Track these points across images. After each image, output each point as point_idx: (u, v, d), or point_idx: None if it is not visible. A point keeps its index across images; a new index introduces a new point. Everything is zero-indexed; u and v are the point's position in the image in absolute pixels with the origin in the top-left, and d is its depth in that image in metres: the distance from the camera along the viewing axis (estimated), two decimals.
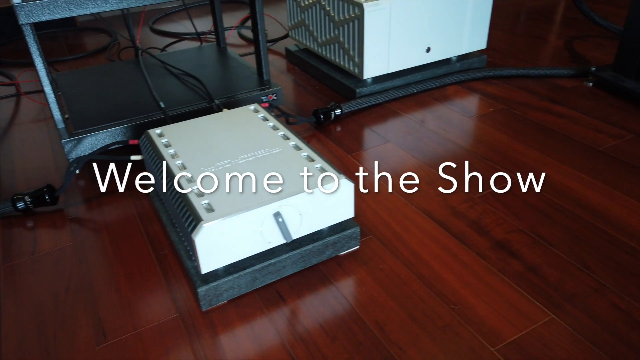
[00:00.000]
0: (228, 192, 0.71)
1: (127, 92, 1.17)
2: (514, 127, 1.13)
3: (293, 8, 1.51)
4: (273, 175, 0.74)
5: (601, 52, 1.51)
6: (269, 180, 0.73)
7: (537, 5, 1.98)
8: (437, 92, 1.34)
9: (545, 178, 0.95)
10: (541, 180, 0.95)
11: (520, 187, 0.93)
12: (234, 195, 0.70)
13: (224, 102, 1.12)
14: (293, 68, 1.57)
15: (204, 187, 0.73)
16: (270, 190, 0.71)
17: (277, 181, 0.73)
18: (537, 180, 0.95)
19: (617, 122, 1.12)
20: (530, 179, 0.95)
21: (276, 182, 0.73)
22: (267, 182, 0.73)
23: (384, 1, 1.19)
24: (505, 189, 0.93)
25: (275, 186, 0.72)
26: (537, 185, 0.93)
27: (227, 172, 0.76)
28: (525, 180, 0.95)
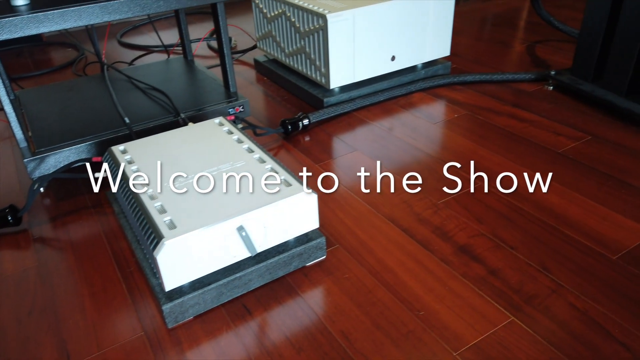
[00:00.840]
0: (191, 208, 0.71)
1: (92, 108, 1.16)
2: (478, 133, 1.16)
3: (260, 19, 1.52)
4: (236, 190, 0.75)
5: (561, 56, 1.55)
6: (232, 194, 0.74)
7: (500, 11, 2.03)
8: (403, 100, 1.36)
9: (506, 182, 0.98)
10: (503, 184, 0.97)
11: (483, 191, 0.95)
12: (196, 210, 0.71)
13: (191, 115, 1.12)
14: (262, 78, 1.57)
15: (166, 203, 0.72)
16: (233, 204, 0.71)
17: (240, 196, 0.74)
18: (499, 184, 0.97)
19: (576, 125, 1.16)
20: (492, 183, 0.97)
21: (240, 196, 0.73)
22: (230, 196, 0.73)
23: (347, 11, 1.21)
24: (468, 194, 0.95)
25: (238, 200, 0.72)
26: (499, 189, 0.95)
27: (190, 187, 0.76)
28: (487, 185, 0.97)
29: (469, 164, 1.04)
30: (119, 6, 0.94)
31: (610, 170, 0.98)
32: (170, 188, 0.76)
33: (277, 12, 1.40)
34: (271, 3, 1.42)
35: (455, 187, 0.97)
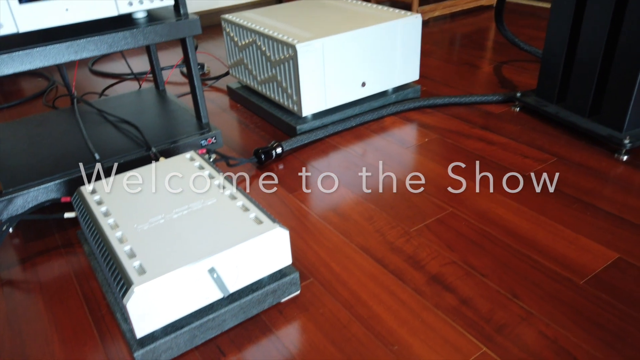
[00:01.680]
0: (160, 251, 0.71)
1: (62, 144, 1.15)
2: (448, 157, 1.18)
3: (231, 47, 1.53)
4: (207, 229, 0.75)
5: (527, 76, 1.60)
6: (203, 234, 0.74)
7: (468, 31, 2.08)
8: (375, 124, 1.38)
9: (476, 207, 0.99)
10: (473, 209, 0.99)
11: (453, 217, 0.97)
12: (167, 253, 0.70)
13: (163, 148, 1.11)
14: (235, 105, 1.58)
15: (136, 246, 0.72)
16: (204, 245, 0.71)
17: (211, 235, 0.73)
18: (469, 210, 0.99)
19: (542, 146, 1.19)
20: (462, 209, 0.99)
21: (210, 236, 0.73)
22: (201, 237, 0.73)
23: (316, 40, 1.23)
24: (439, 221, 0.96)
25: (209, 240, 0.72)
26: (469, 215, 0.97)
27: (160, 228, 0.76)
28: (457, 211, 0.99)
29: (440, 190, 1.06)
30: (85, 44, 0.94)
31: (575, 192, 1.01)
32: (140, 229, 0.75)
33: (247, 40, 1.41)
34: (242, 32, 1.43)
35: (427, 214, 0.99)
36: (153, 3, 1.00)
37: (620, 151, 1.11)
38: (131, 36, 0.97)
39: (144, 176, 0.90)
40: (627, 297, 0.76)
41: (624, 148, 1.09)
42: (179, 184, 0.87)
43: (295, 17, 1.44)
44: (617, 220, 0.92)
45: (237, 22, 1.44)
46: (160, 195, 0.84)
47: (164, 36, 1.01)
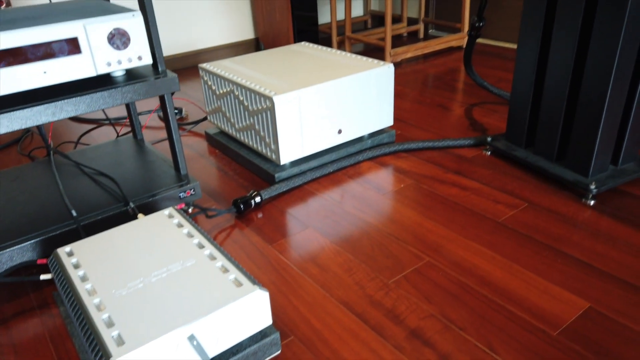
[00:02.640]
0: (140, 319, 0.70)
1: (39, 200, 1.14)
2: (423, 203, 1.21)
3: (209, 95, 1.55)
4: (186, 294, 0.75)
5: (496, 118, 1.66)
6: (183, 299, 0.74)
7: (438, 72, 2.16)
8: (351, 170, 1.40)
9: (452, 256, 1.02)
10: (449, 259, 1.01)
11: (430, 267, 0.99)
12: (145, 321, 0.70)
13: (141, 203, 1.11)
14: (214, 151, 1.59)
15: (115, 314, 0.71)
16: (183, 311, 0.71)
17: (190, 300, 0.73)
18: (446, 259, 1.01)
19: (513, 191, 1.23)
20: (439, 259, 1.01)
21: (190, 301, 0.73)
22: (181, 302, 0.73)
23: (292, 92, 1.26)
24: (417, 272, 0.98)
25: (188, 305, 0.72)
26: (446, 265, 0.99)
27: (139, 294, 0.75)
28: (434, 260, 1.01)
29: (417, 238, 1.08)
30: (63, 105, 0.94)
31: (546, 239, 1.05)
32: (119, 295, 0.75)
33: (225, 90, 1.44)
34: (219, 81, 1.45)
35: (405, 265, 1.00)
36: (131, 63, 1.02)
37: (587, 196, 1.15)
38: (110, 96, 0.98)
39: (123, 236, 0.90)
40: (598, 349, 0.79)
41: (591, 193, 1.14)
42: (157, 244, 0.87)
43: (272, 66, 1.47)
44: (587, 268, 0.96)
45: (215, 71, 1.46)
46: (139, 257, 0.84)
47: (143, 94, 1.03)
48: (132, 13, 0.99)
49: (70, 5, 1.15)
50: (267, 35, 2.52)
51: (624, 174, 1.18)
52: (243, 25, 2.59)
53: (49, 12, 1.07)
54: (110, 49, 0.98)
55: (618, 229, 1.06)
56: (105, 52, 0.98)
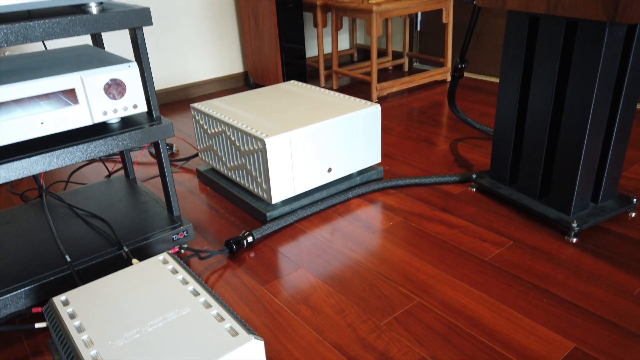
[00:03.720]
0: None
1: (31, 244, 1.14)
2: (412, 242, 1.24)
3: (201, 134, 1.58)
4: (182, 344, 0.76)
5: (480, 154, 1.71)
6: (179, 350, 0.75)
7: (422, 106, 2.22)
8: (341, 207, 1.43)
9: (442, 296, 1.04)
10: (439, 299, 1.04)
11: (420, 308, 1.01)
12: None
13: (134, 246, 1.12)
14: (205, 188, 1.61)
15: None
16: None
17: (186, 351, 0.75)
18: (435, 300, 1.04)
19: (498, 229, 1.26)
20: (429, 299, 1.04)
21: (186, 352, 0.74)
22: (177, 353, 0.74)
23: (284, 134, 1.29)
24: (408, 313, 1.00)
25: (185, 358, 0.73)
26: (436, 306, 1.02)
27: (135, 344, 0.76)
28: (424, 301, 1.03)
29: (407, 278, 1.11)
30: (60, 154, 0.96)
31: (532, 278, 1.08)
32: (115, 346, 0.76)
33: (217, 130, 1.47)
34: (211, 121, 1.48)
35: (396, 306, 1.03)
36: (127, 111, 1.05)
37: (569, 234, 1.19)
38: (105, 144, 1.01)
39: (118, 284, 0.91)
40: None
41: (573, 231, 1.18)
42: (153, 292, 0.89)
43: (263, 107, 1.51)
44: (571, 307, 0.99)
45: (207, 112, 1.50)
46: (135, 306, 0.85)
47: (138, 142, 1.05)
48: (128, 64, 1.02)
49: (66, 53, 1.17)
50: (256, 68, 2.58)
51: (604, 212, 1.23)
52: (232, 59, 2.64)
53: (45, 61, 1.09)
54: (106, 98, 1.01)
55: (600, 267, 1.10)
56: (102, 101, 1.01)
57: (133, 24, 0.99)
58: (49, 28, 0.89)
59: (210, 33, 2.52)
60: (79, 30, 0.93)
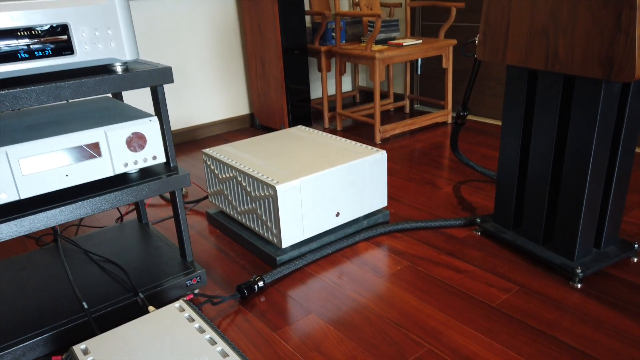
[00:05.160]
0: None
1: (48, 290, 1.17)
2: (420, 287, 1.27)
3: (212, 178, 1.62)
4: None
5: (483, 197, 1.75)
6: None
7: (424, 147, 2.27)
8: (349, 251, 1.46)
9: (451, 343, 1.06)
10: (449, 347, 1.06)
11: (431, 356, 1.03)
12: None
13: (149, 292, 1.15)
14: (215, 231, 1.64)
15: None
16: None
17: None
18: (445, 348, 1.05)
19: (504, 274, 1.29)
20: (439, 347, 1.06)
21: None
22: None
23: (294, 181, 1.34)
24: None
25: None
26: (446, 354, 1.04)
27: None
28: (435, 349, 1.05)
29: (416, 324, 1.13)
30: (82, 205, 1.00)
31: (539, 324, 1.10)
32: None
33: (228, 175, 1.51)
34: (222, 167, 1.53)
35: (406, 353, 1.04)
36: (146, 162, 1.09)
37: (574, 279, 1.22)
38: (126, 194, 1.05)
39: (137, 333, 0.94)
40: None
41: (577, 277, 1.21)
42: (171, 341, 0.91)
43: (273, 153, 1.56)
44: (579, 355, 1.01)
45: (218, 157, 1.54)
46: (154, 355, 0.87)
47: (156, 191, 1.09)
48: (149, 118, 1.08)
49: (88, 105, 1.23)
50: (262, 110, 2.65)
51: (607, 257, 1.26)
52: (239, 101, 2.72)
53: (69, 114, 1.15)
54: (127, 151, 1.06)
55: (605, 314, 1.12)
56: (123, 154, 1.05)
57: (155, 82, 1.05)
58: (78, 88, 0.95)
59: (218, 77, 2.61)
60: (105, 90, 0.98)
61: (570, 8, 1.09)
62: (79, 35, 0.95)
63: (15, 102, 0.89)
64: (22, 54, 0.91)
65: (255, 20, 2.45)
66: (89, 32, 0.96)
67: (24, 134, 1.01)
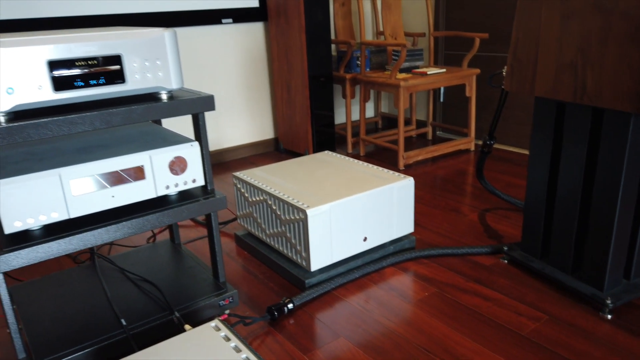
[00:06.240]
0: None
1: (86, 307, 1.21)
2: (448, 313, 1.28)
3: (241, 201, 1.67)
4: None
5: (508, 225, 1.76)
6: None
7: (446, 174, 2.30)
8: (376, 276, 1.48)
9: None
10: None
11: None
12: None
13: (184, 311, 1.18)
14: (243, 253, 1.68)
15: None
16: None
17: None
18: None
19: (533, 303, 1.30)
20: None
21: None
22: None
23: (324, 205, 1.37)
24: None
25: None
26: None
27: None
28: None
29: (446, 351, 1.14)
30: (124, 225, 1.05)
31: (570, 354, 1.10)
32: None
33: (258, 198, 1.55)
34: (252, 190, 1.57)
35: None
36: (186, 185, 1.14)
37: (604, 310, 1.22)
38: (166, 216, 1.09)
39: (176, 350, 0.96)
40: None
41: (607, 307, 1.21)
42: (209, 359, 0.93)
43: (301, 177, 1.60)
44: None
45: (249, 181, 1.59)
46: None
47: (194, 213, 1.13)
48: (190, 143, 1.13)
49: (131, 130, 1.29)
50: (287, 135, 2.71)
51: (637, 289, 1.26)
52: (264, 126, 2.79)
53: (115, 138, 1.21)
54: (169, 174, 1.11)
55: (636, 345, 1.12)
56: (165, 177, 1.10)
57: (198, 109, 1.10)
58: (128, 115, 1.01)
59: (246, 102, 2.68)
60: (152, 116, 1.04)
61: (599, 43, 1.12)
62: (131, 65, 1.01)
63: (72, 127, 0.94)
64: (78, 82, 0.97)
65: (283, 49, 2.53)
66: (139, 62, 1.02)
67: (74, 156, 1.07)
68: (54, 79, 0.94)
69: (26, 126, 0.90)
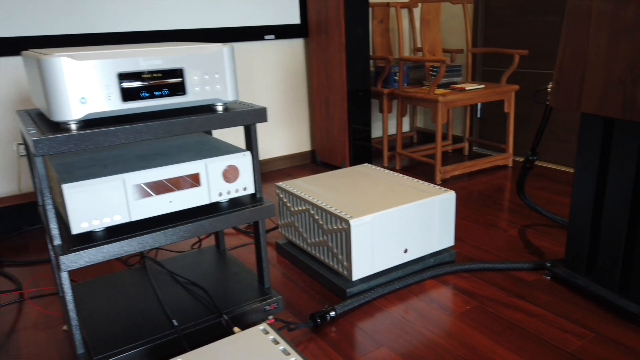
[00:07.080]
0: None
1: (138, 307, 1.26)
2: (491, 327, 1.27)
3: (283, 210, 1.71)
4: None
5: (549, 241, 1.74)
6: None
7: (484, 189, 2.29)
8: (416, 288, 1.49)
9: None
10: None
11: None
12: None
13: (231, 315, 1.22)
14: (283, 261, 1.71)
15: None
16: None
17: None
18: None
19: (578, 320, 1.28)
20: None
21: None
22: None
23: (367, 216, 1.40)
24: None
25: None
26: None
27: None
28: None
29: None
30: (180, 229, 1.10)
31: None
32: None
33: (301, 208, 1.59)
34: (295, 200, 1.61)
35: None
36: (237, 193, 1.19)
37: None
38: (220, 222, 1.14)
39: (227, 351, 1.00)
40: None
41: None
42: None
43: (343, 188, 1.63)
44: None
45: (291, 191, 1.63)
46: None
47: (244, 220, 1.18)
48: (242, 153, 1.18)
49: (186, 140, 1.35)
50: (324, 148, 2.75)
51: None
52: (302, 138, 2.84)
53: (172, 147, 1.27)
54: (222, 182, 1.16)
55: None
56: (219, 184, 1.15)
57: (251, 120, 1.15)
58: (188, 124, 1.06)
59: (285, 115, 2.75)
60: (210, 127, 1.09)
61: None
62: (192, 78, 1.07)
63: (137, 135, 1.00)
64: (143, 93, 1.03)
65: (323, 65, 2.59)
66: (200, 75, 1.08)
67: (136, 163, 1.13)
68: (122, 90, 1.00)
69: (97, 134, 0.96)
